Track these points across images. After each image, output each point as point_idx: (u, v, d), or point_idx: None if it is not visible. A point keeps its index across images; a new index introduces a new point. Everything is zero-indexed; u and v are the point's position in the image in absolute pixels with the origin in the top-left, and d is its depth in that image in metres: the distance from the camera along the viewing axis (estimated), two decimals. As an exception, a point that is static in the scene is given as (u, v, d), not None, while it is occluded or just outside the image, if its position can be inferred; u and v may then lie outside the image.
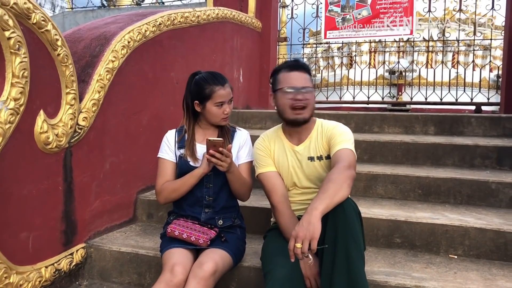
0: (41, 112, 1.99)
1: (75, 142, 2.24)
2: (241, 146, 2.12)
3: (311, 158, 1.98)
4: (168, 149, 2.12)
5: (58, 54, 2.06)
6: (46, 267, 2.09)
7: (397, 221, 2.32)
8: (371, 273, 1.98)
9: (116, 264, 2.32)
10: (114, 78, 2.48)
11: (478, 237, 2.20)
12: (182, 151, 2.07)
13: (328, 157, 1.95)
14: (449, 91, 4.68)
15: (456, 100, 4.61)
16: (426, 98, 4.67)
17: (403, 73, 12.17)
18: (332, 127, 1.97)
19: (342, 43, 6.22)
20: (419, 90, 4.87)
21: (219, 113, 2.02)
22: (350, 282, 1.58)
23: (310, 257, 1.55)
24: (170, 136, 2.15)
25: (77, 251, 2.30)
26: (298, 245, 1.51)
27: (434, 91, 4.69)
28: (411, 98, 4.97)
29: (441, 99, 4.61)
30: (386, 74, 12.62)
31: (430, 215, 2.39)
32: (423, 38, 5.73)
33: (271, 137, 2.06)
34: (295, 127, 1.98)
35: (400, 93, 12.24)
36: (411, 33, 4.80)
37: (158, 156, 2.13)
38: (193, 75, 2.08)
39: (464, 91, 4.57)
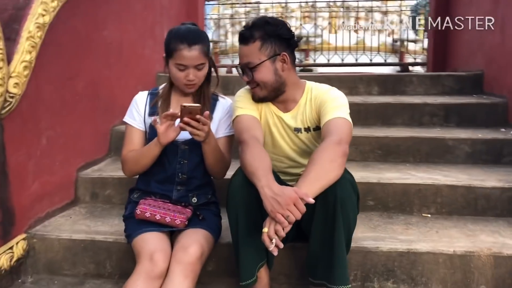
0: (-35, 77, 1.58)
1: (6, 114, 1.83)
2: (222, 117, 1.85)
3: (297, 130, 1.75)
4: (137, 113, 1.81)
5: (-20, 4, 1.64)
6: (-16, 267, 1.72)
7: (369, 183, 2.25)
8: (358, 240, 1.89)
9: (67, 254, 1.99)
10: (46, 36, 2.07)
11: (450, 194, 2.21)
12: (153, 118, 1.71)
13: (317, 128, 1.72)
14: (378, 53, 4.75)
15: (385, 61, 4.70)
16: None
17: (309, 39, 12.38)
18: (323, 93, 1.72)
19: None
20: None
21: (180, 77, 1.70)
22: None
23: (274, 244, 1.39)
24: (140, 99, 1.84)
25: (17, 243, 1.93)
26: (265, 229, 1.36)
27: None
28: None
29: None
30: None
31: (398, 175, 2.35)
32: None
33: None
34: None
35: (306, 58, 12.44)
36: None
37: (124, 119, 1.82)
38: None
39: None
